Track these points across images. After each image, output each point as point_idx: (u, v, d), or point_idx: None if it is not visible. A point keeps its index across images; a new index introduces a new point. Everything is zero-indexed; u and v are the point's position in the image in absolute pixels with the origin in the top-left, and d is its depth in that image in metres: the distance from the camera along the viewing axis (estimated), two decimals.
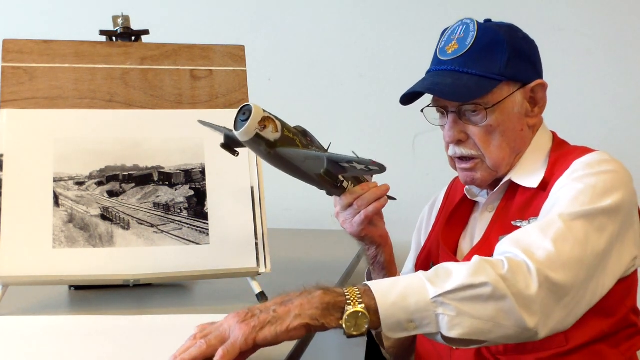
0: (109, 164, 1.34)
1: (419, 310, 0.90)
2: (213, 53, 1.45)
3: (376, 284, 0.93)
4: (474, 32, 1.17)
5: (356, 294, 0.91)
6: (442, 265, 0.95)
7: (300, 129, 1.12)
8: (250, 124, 1.05)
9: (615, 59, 2.15)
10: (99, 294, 1.40)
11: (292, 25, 2.35)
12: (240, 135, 1.07)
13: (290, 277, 1.52)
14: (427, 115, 1.23)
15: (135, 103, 1.39)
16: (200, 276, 1.34)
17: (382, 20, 2.30)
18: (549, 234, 0.97)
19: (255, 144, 1.07)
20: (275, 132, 1.06)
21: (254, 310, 0.92)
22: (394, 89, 2.24)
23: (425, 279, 0.92)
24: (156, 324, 1.19)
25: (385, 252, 1.29)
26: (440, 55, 1.20)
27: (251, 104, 1.06)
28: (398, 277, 0.96)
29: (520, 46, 1.18)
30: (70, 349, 1.09)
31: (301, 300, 0.91)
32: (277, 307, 0.91)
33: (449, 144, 1.21)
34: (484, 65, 1.15)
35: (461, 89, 1.14)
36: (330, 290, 0.93)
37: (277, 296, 0.95)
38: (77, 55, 1.39)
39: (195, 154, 1.38)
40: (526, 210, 1.15)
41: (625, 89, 2.16)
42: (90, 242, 1.29)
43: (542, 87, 1.20)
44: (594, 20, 2.16)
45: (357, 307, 0.89)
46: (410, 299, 0.90)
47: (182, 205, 1.35)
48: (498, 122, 1.16)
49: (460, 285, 0.90)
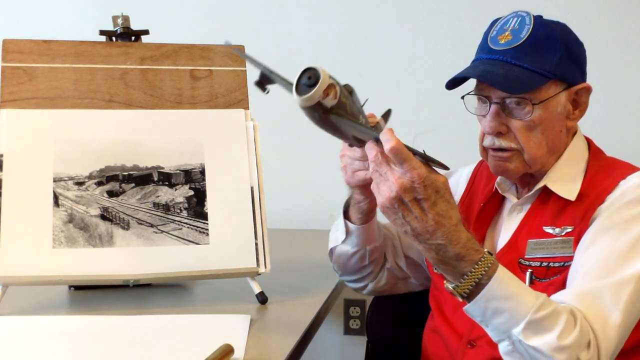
0: (108, 164, 1.34)
1: (497, 328, 1.00)
2: (213, 53, 1.45)
3: (495, 285, 0.98)
4: (529, 26, 1.15)
5: (472, 282, 0.99)
6: (553, 314, 0.99)
7: (350, 88, 1.05)
8: (316, 92, 0.95)
9: (615, 59, 2.15)
10: (99, 294, 1.39)
11: (292, 25, 2.35)
12: (301, 102, 0.97)
13: (290, 277, 1.52)
14: (467, 102, 1.20)
15: (135, 103, 1.39)
16: (200, 276, 1.34)
17: (382, 20, 2.30)
18: (621, 302, 1.03)
19: (312, 109, 0.98)
20: (334, 99, 0.98)
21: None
22: (394, 89, 2.26)
23: (527, 319, 0.97)
24: (156, 324, 1.19)
25: (370, 203, 1.26)
26: (491, 44, 1.18)
27: (318, 68, 0.96)
28: (516, 290, 1.00)
29: (572, 47, 1.18)
30: (70, 349, 1.09)
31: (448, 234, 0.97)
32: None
33: (488, 134, 1.18)
34: (537, 60, 1.14)
35: (512, 81, 1.13)
36: (462, 261, 0.98)
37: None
38: (77, 55, 1.39)
39: (195, 154, 1.38)
40: (559, 218, 1.15)
41: (625, 89, 2.15)
42: (90, 242, 1.29)
43: (586, 91, 1.20)
44: (594, 20, 2.16)
45: (459, 292, 1.00)
46: (501, 318, 0.99)
47: (182, 205, 1.35)
48: (541, 119, 1.15)
49: (538, 348, 0.97)
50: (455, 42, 2.17)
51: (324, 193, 2.31)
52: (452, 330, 1.24)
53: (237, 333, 1.13)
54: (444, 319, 1.27)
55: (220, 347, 1.01)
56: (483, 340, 1.17)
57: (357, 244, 1.33)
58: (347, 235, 1.32)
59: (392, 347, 1.50)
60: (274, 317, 1.26)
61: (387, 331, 1.53)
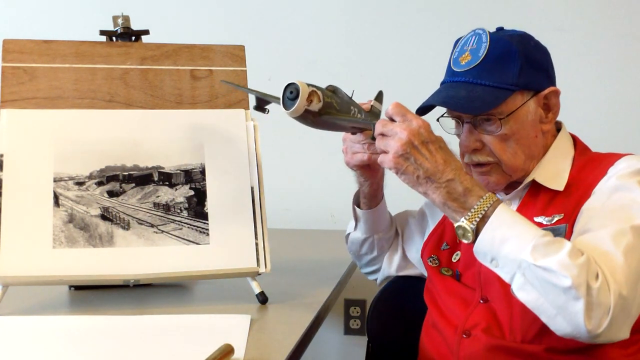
0: (109, 164, 1.34)
1: (506, 258, 1.01)
2: (213, 53, 1.45)
3: (500, 215, 1.03)
4: (486, 43, 1.18)
5: (479, 213, 1.04)
6: (558, 240, 1.01)
7: (332, 87, 1.19)
8: (300, 104, 1.11)
9: (615, 59, 2.16)
10: (99, 294, 1.40)
11: (292, 25, 2.35)
12: (290, 114, 1.13)
13: (290, 277, 1.53)
14: (442, 124, 1.24)
15: (135, 103, 1.39)
16: (200, 276, 1.34)
17: (382, 21, 2.30)
18: (621, 246, 1.03)
19: (302, 117, 1.13)
20: (319, 103, 1.13)
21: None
22: (394, 89, 2.25)
23: (533, 242, 0.99)
24: (156, 324, 1.19)
25: (370, 187, 1.36)
26: (454, 67, 1.22)
27: (297, 82, 1.12)
28: (521, 220, 1.04)
29: (532, 55, 1.20)
30: (70, 349, 1.09)
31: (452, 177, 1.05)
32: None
33: (464, 153, 1.23)
34: (497, 76, 1.17)
35: (475, 102, 1.16)
36: (469, 195, 1.05)
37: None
38: (77, 55, 1.39)
39: (195, 154, 1.38)
40: (548, 207, 1.18)
41: (625, 89, 2.16)
42: (90, 242, 1.29)
43: (555, 94, 1.22)
44: (594, 20, 2.16)
45: (468, 224, 1.04)
46: (508, 246, 1.01)
47: (182, 205, 1.35)
48: (512, 131, 1.18)
49: (548, 267, 0.97)
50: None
51: (324, 193, 2.32)
52: (447, 322, 1.26)
53: (237, 333, 1.13)
54: (438, 312, 1.29)
55: (220, 347, 1.01)
56: (478, 329, 1.19)
57: (365, 230, 1.43)
58: (357, 221, 1.43)
59: (393, 347, 1.50)
60: (274, 317, 1.26)
61: (388, 331, 1.53)
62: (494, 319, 1.19)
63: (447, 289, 1.29)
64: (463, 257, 1.28)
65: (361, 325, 2.26)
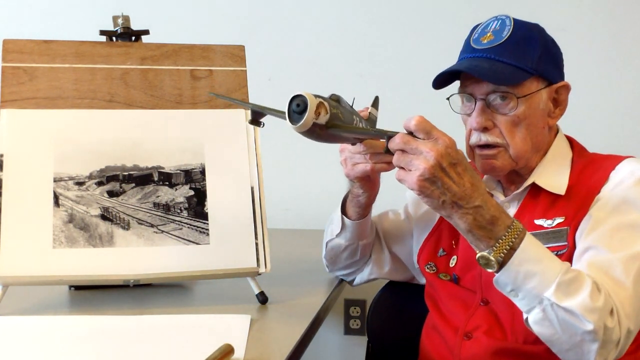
0: (109, 164, 1.34)
1: (529, 293, 1.01)
2: (213, 53, 1.45)
3: (526, 249, 1.01)
4: (510, 26, 1.19)
5: (506, 245, 1.00)
6: (579, 277, 1.01)
7: (336, 97, 1.09)
8: (308, 117, 1.00)
9: (615, 59, 2.16)
10: (99, 294, 1.40)
11: (292, 25, 2.35)
12: (298, 129, 1.03)
13: (290, 277, 1.52)
14: (452, 103, 1.24)
15: (135, 103, 1.39)
16: (200, 276, 1.34)
17: (382, 20, 2.30)
18: (631, 274, 1.05)
19: (310, 131, 1.03)
20: (326, 114, 1.03)
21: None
22: (393, 89, 2.26)
23: (557, 280, 0.99)
24: (156, 324, 1.19)
25: (368, 198, 1.30)
26: (474, 44, 1.22)
27: (304, 94, 1.01)
28: (545, 254, 1.03)
29: (550, 47, 1.22)
30: (70, 349, 1.09)
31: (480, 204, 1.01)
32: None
33: (475, 130, 1.21)
34: (519, 57, 1.18)
35: (498, 74, 1.16)
36: (497, 224, 1.01)
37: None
38: (77, 55, 1.39)
39: (195, 154, 1.38)
40: (549, 210, 1.18)
41: (625, 89, 2.16)
42: (90, 242, 1.29)
43: (566, 89, 1.23)
44: (595, 20, 2.16)
45: (495, 256, 1.01)
46: (532, 282, 1.00)
47: (182, 205, 1.35)
48: (525, 115, 1.18)
49: (571, 310, 0.98)
50: (455, 42, 2.16)
51: (324, 193, 2.31)
52: (448, 325, 1.26)
53: (237, 333, 1.13)
54: (440, 315, 1.29)
55: (221, 347, 1.01)
56: (479, 331, 1.20)
57: (350, 238, 1.38)
58: (342, 230, 1.37)
59: (393, 347, 1.51)
60: (274, 317, 1.26)
61: (388, 331, 1.53)
62: (496, 320, 1.19)
63: (447, 292, 1.29)
64: (460, 261, 1.28)
65: (361, 325, 2.25)
